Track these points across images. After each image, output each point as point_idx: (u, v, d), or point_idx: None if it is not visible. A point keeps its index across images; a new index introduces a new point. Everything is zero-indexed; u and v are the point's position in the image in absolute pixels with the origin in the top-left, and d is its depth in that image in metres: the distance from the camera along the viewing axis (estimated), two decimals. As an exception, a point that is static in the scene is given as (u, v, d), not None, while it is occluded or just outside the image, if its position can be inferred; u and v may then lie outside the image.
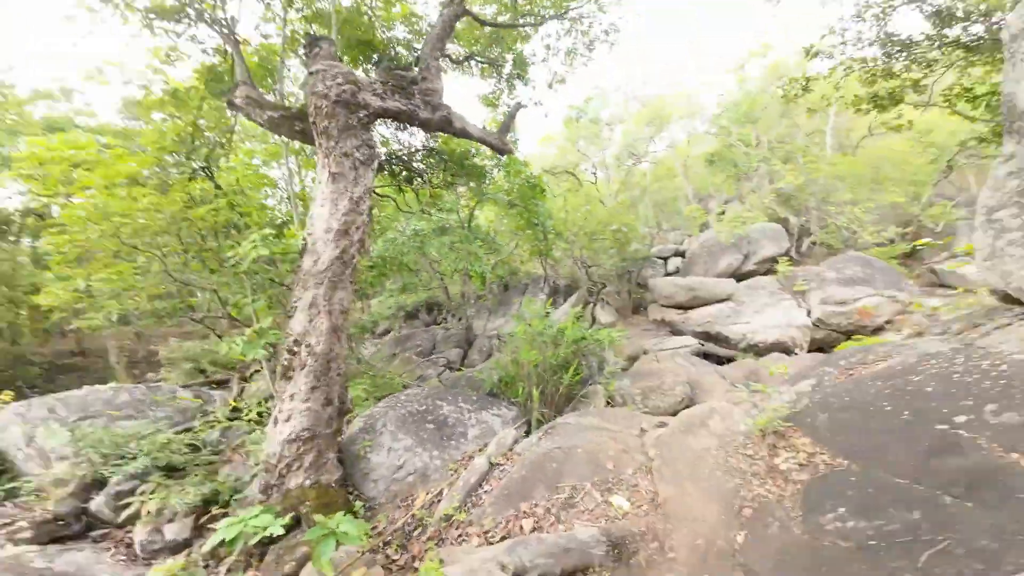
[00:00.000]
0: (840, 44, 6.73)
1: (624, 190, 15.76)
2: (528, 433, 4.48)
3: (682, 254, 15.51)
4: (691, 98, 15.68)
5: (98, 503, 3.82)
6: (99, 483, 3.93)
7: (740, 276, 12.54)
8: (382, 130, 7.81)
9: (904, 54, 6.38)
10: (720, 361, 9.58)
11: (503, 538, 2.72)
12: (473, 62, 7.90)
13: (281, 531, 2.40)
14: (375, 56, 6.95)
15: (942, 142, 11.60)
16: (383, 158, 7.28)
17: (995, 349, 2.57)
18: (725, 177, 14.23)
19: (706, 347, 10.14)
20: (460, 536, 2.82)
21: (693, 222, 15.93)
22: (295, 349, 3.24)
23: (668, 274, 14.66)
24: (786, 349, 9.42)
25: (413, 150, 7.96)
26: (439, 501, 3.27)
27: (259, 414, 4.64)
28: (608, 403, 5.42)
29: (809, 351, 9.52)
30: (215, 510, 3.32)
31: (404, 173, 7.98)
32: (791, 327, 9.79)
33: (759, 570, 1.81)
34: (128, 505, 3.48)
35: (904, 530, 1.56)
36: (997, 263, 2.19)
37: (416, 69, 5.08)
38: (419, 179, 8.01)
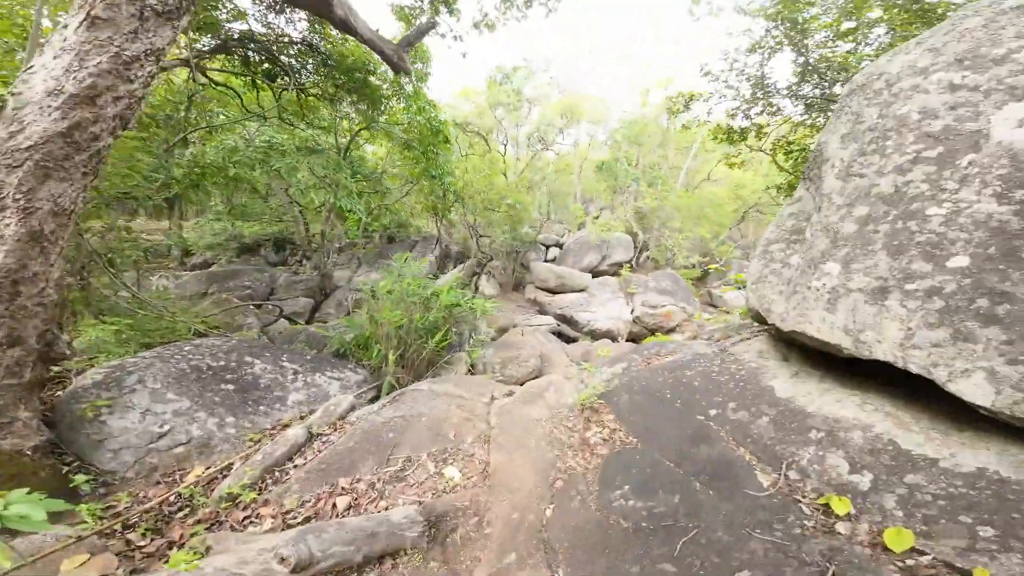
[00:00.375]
0: (725, 71, 6.80)
1: (528, 171, 15.73)
2: (377, 399, 3.97)
3: (561, 245, 16.71)
4: (601, 105, 16.46)
5: None
6: None
7: (596, 273, 14.23)
8: (242, 1, 5.48)
9: (762, 100, 6.74)
10: (568, 341, 10.76)
11: (307, 519, 2.20)
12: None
13: None
14: None
15: (746, 196, 15.06)
16: (235, 36, 5.11)
17: (740, 356, 3.26)
18: (606, 186, 15.63)
19: (561, 328, 11.24)
20: (248, 518, 2.18)
21: (575, 220, 17.24)
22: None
23: (547, 261, 15.61)
24: (612, 337, 11.15)
25: (284, 39, 5.86)
26: (225, 477, 2.49)
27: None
28: (470, 370, 5.33)
29: (627, 340, 11.55)
30: None
31: (266, 66, 5.85)
32: (619, 320, 11.57)
33: (558, 547, 1.81)
34: None
35: (668, 513, 1.71)
36: (760, 287, 2.57)
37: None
38: (286, 78, 6.00)
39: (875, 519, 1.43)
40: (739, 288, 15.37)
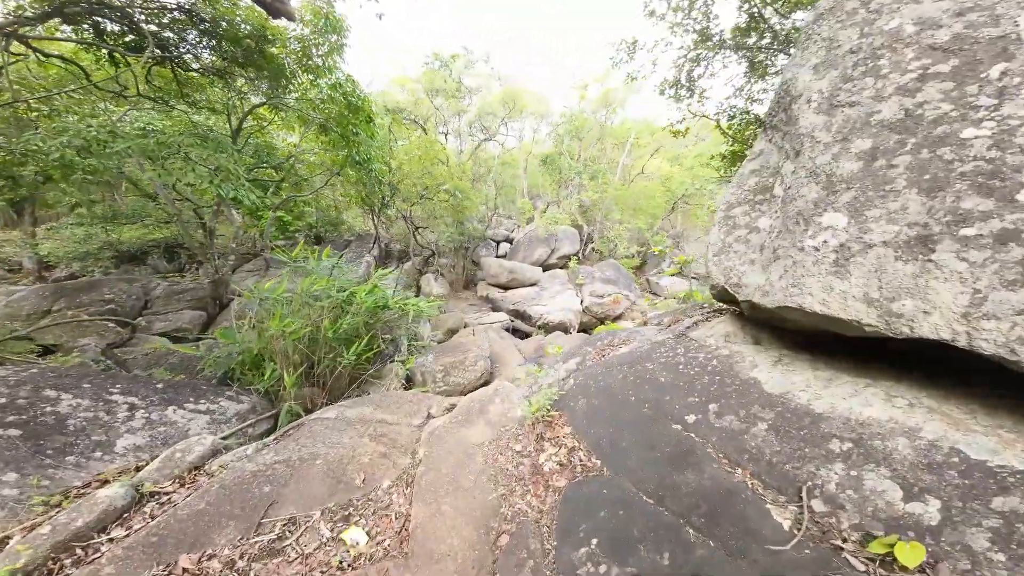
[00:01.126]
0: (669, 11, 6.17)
1: (471, 163, 14.85)
2: (272, 432, 2.90)
3: (511, 241, 16.12)
4: (543, 101, 16.10)
5: None
6: None
7: (546, 266, 13.91)
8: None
9: (707, 53, 6.21)
10: (523, 336, 10.17)
11: None
12: None
13: None
14: None
15: (674, 188, 15.74)
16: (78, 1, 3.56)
17: (704, 342, 2.82)
18: (551, 180, 15.38)
19: (514, 323, 10.62)
20: None
21: (523, 215, 16.78)
22: None
23: (499, 256, 14.92)
24: (565, 328, 10.83)
25: (153, 5, 4.38)
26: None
27: None
28: (407, 383, 4.39)
29: (579, 331, 11.34)
30: None
31: (129, 37, 4.33)
32: (570, 311, 11.29)
33: None
34: None
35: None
36: (723, 258, 2.07)
37: None
38: (154, 49, 4.50)
39: (964, 567, 0.93)
40: (675, 275, 16.19)
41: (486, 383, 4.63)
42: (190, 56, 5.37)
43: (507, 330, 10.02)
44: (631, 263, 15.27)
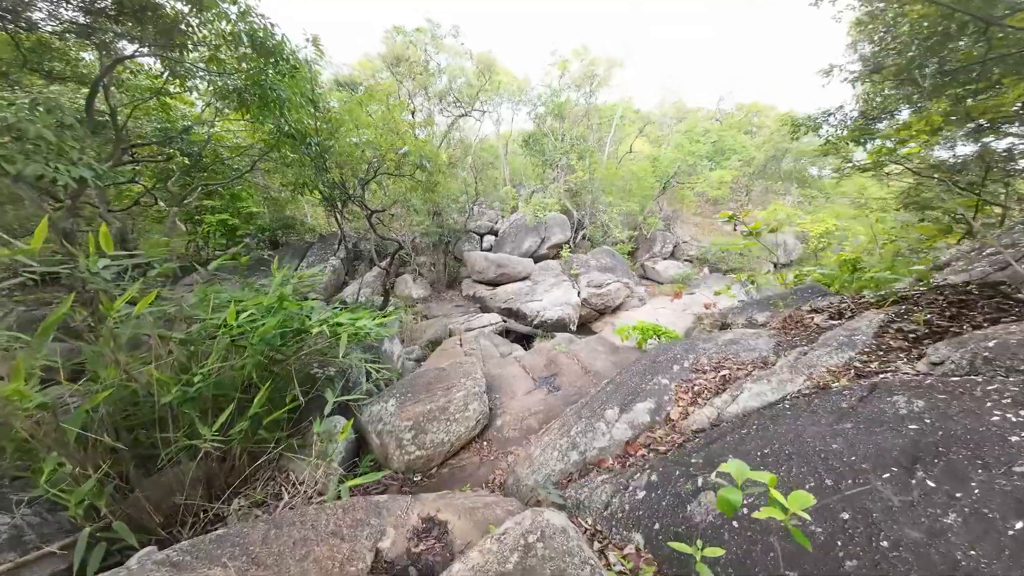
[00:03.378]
0: None
1: (446, 144, 13.04)
2: None
3: (495, 233, 14.56)
4: (519, 81, 14.36)
5: None
6: None
7: (537, 257, 12.49)
8: None
9: None
10: (521, 339, 8.75)
11: None
12: None
13: None
14: None
15: (662, 168, 14.51)
16: None
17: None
18: (535, 164, 13.84)
19: (508, 324, 9.19)
20: None
21: (506, 204, 15.19)
22: None
23: (484, 250, 13.36)
24: (564, 325, 9.51)
25: None
26: None
27: None
28: (357, 451, 2.78)
29: (577, 325, 10.02)
30: None
31: None
32: (568, 305, 9.96)
33: None
34: None
35: None
36: None
37: None
38: None
39: None
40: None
41: (481, 431, 3.14)
42: (40, 16, 3.56)
43: (501, 333, 8.58)
44: (624, 248, 14.01)
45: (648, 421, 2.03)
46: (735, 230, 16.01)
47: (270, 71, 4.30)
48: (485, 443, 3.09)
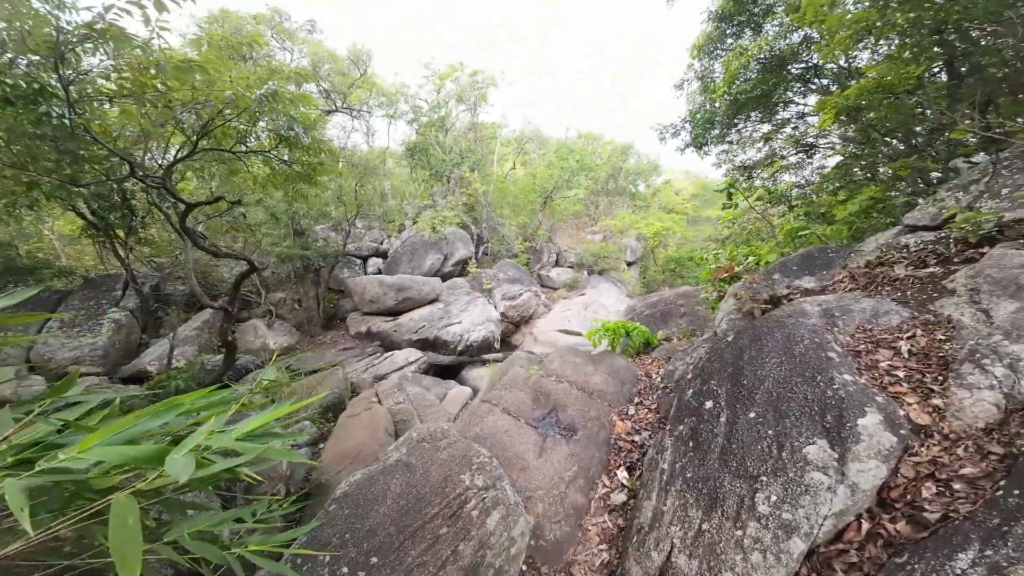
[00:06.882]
0: None
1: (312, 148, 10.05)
2: None
3: (384, 255, 12.19)
4: (395, 95, 12.66)
5: None
6: None
7: (443, 276, 11.05)
8: None
9: None
10: (453, 372, 7.14)
11: None
12: None
13: None
14: None
15: (543, 184, 15.46)
16: None
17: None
18: (421, 180, 12.41)
19: (428, 356, 7.41)
20: None
21: (391, 222, 13.04)
22: None
23: (372, 275, 10.85)
24: (490, 345, 8.51)
25: None
26: None
27: None
28: None
29: (500, 342, 9.19)
30: None
31: None
32: (491, 322, 9.03)
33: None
34: None
35: None
36: None
37: None
38: None
39: None
40: (569, 267, 16.18)
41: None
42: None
43: (425, 372, 6.82)
44: (523, 260, 14.18)
45: (895, 443, 1.24)
46: (593, 238, 18.89)
47: None
48: (523, 567, 1.79)
